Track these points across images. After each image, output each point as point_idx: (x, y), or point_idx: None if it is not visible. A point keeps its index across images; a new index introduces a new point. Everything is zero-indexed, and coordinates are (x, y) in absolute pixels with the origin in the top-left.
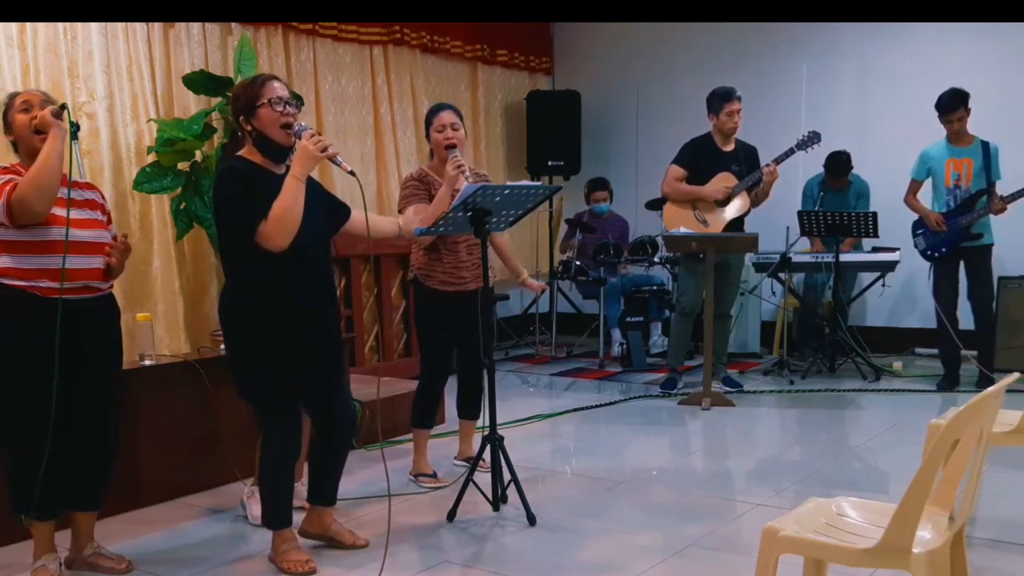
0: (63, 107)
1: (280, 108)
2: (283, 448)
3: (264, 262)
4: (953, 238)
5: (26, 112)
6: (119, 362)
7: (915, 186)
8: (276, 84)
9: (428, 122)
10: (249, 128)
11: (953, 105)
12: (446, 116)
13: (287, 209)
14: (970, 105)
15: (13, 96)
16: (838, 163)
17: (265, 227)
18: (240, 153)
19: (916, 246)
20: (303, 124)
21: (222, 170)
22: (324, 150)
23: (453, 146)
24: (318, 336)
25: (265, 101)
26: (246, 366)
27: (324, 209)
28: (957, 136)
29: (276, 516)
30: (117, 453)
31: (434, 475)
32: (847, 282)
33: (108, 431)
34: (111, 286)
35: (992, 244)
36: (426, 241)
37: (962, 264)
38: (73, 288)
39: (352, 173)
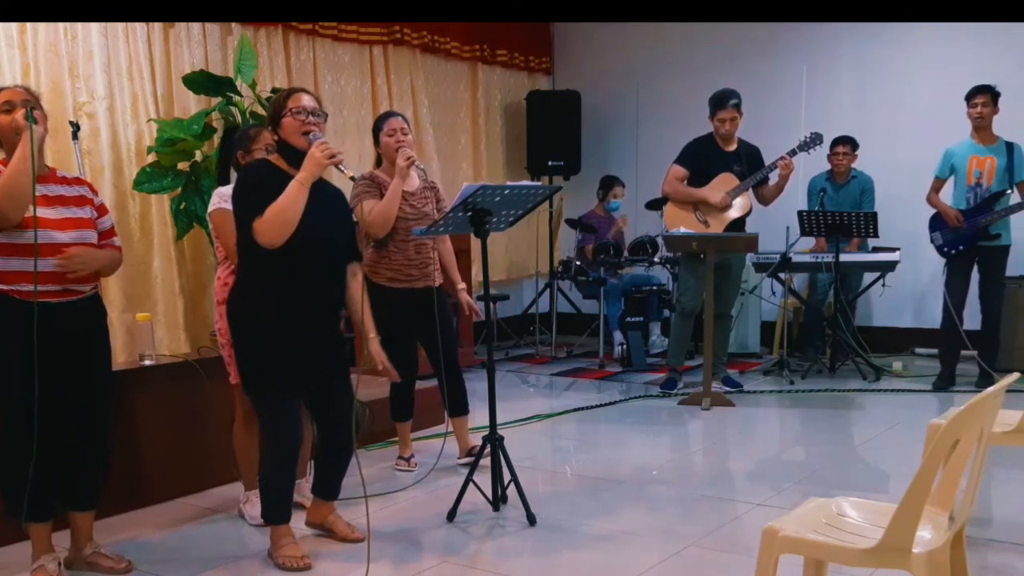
0: (29, 111)
1: (302, 117)
2: (283, 441)
3: (267, 257)
4: (971, 236)
5: (8, 113)
6: (107, 362)
7: (938, 184)
8: (302, 96)
9: (378, 128)
10: (276, 138)
11: (979, 89)
12: (395, 122)
13: (282, 210)
14: (999, 105)
15: None
16: (845, 139)
17: (258, 223)
18: (269, 158)
19: (933, 242)
20: (319, 133)
21: (242, 168)
22: (331, 157)
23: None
24: (316, 333)
25: (288, 111)
26: (246, 351)
27: (342, 227)
28: (980, 129)
29: (274, 512)
30: (109, 452)
31: (408, 459)
32: (853, 282)
33: (96, 431)
34: (95, 288)
35: (1009, 245)
36: (379, 236)
37: (976, 263)
38: (52, 291)
39: (352, 178)
